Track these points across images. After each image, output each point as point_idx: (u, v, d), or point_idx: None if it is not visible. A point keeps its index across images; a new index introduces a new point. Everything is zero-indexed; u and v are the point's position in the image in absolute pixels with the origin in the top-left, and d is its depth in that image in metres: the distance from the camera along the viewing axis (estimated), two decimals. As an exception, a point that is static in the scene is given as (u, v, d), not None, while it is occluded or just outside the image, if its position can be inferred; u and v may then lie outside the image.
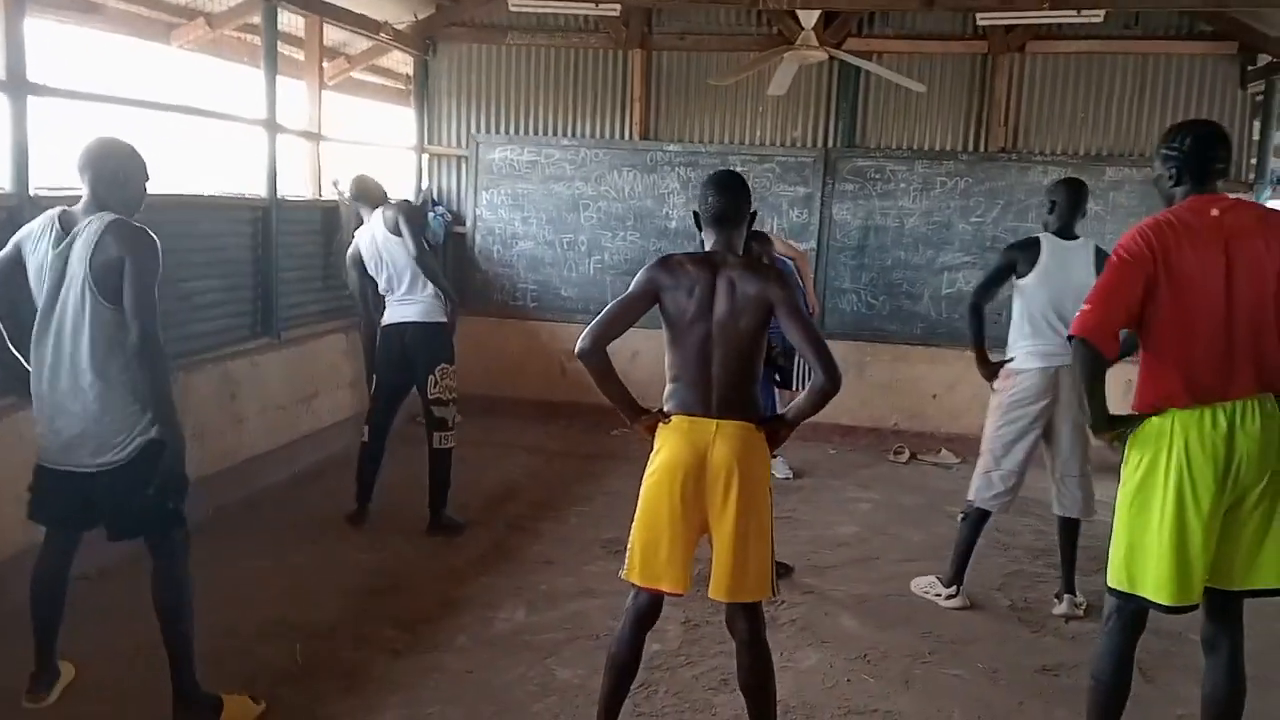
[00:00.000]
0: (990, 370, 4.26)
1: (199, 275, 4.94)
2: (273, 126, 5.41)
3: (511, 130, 7.39)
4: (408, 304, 4.69)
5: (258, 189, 5.43)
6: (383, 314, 4.83)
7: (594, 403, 7.18)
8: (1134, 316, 2.60)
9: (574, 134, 7.30)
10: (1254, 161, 6.67)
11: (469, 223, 7.40)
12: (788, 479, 5.99)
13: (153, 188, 3.11)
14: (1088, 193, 4.22)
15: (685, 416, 2.70)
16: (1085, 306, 2.62)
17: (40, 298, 2.84)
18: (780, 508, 3.19)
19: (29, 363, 2.91)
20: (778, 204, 6.99)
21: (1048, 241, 4.07)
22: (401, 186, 7.37)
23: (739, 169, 6.85)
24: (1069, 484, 4.14)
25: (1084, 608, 4.18)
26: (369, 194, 4.92)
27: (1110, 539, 2.76)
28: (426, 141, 7.48)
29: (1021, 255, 4.09)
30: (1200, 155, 2.64)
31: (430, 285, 4.69)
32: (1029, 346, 4.10)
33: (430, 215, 7.29)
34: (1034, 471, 4.26)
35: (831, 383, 2.65)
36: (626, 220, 7.22)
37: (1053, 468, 4.18)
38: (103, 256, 2.74)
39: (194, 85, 5.89)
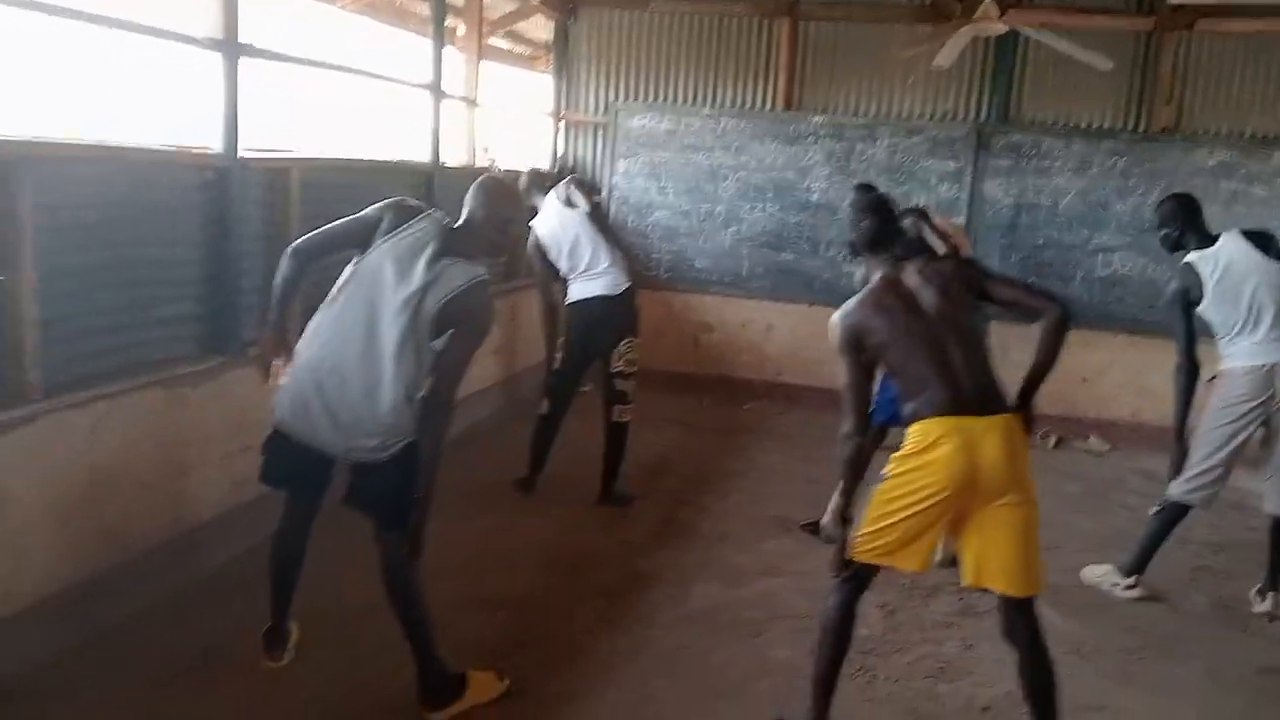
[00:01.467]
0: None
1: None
2: (438, 92, 5.38)
3: (652, 98, 7.29)
4: (593, 279, 4.65)
5: (413, 155, 5.42)
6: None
7: (725, 375, 7.25)
8: None
9: (716, 103, 7.18)
10: None
11: (605, 191, 7.33)
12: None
13: (329, 151, 3.07)
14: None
15: (947, 418, 2.60)
16: None
17: (368, 278, 2.77)
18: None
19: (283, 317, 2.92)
20: (926, 179, 6.82)
21: (1204, 258, 3.97)
22: (537, 154, 7.33)
23: (887, 141, 6.75)
24: None
25: (1287, 607, 4.04)
26: (541, 182, 4.94)
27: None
28: (564, 108, 7.41)
29: (1192, 285, 3.98)
30: None
31: (609, 257, 4.65)
32: (1241, 346, 3.95)
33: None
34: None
35: (1063, 309, 2.67)
36: (766, 192, 7.10)
37: (1270, 466, 4.02)
38: (454, 308, 2.74)
39: (348, 46, 5.88)
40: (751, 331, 7.26)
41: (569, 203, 4.63)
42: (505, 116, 6.72)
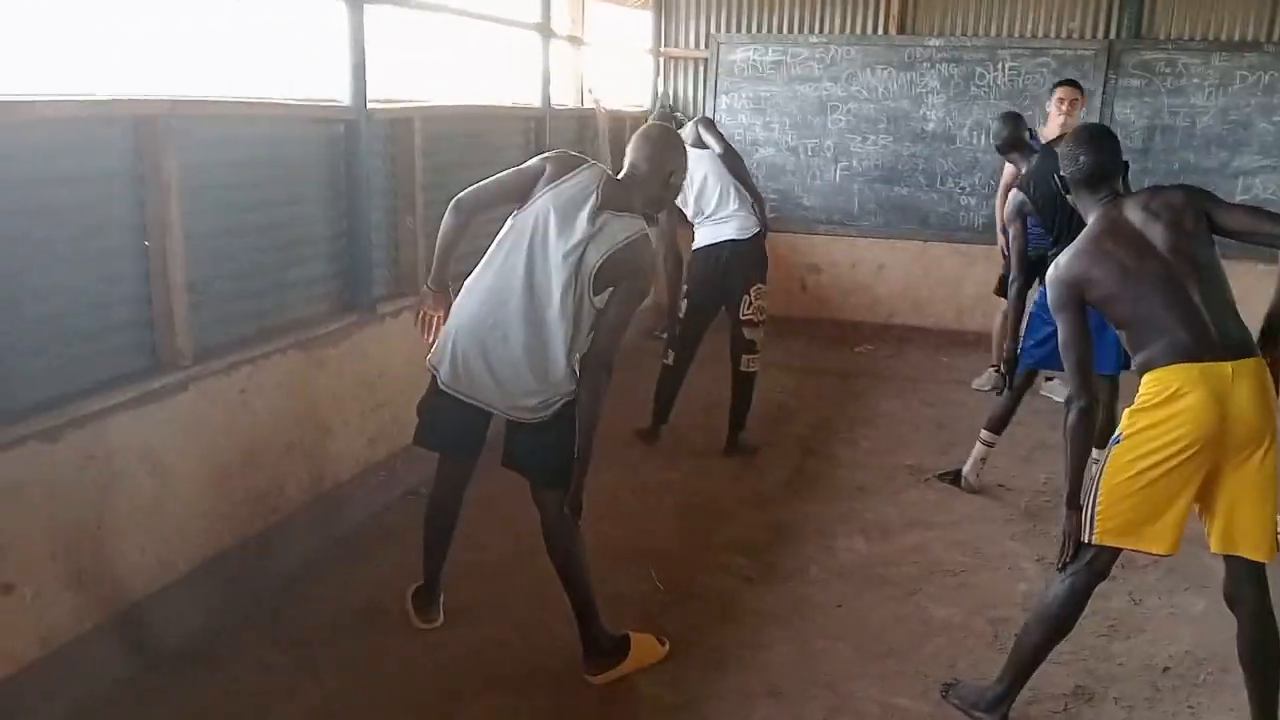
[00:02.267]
0: None
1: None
2: (546, 31, 5.20)
3: (754, 29, 6.99)
4: (721, 223, 4.47)
5: (522, 98, 5.27)
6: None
7: (834, 318, 7.03)
8: None
9: (823, 30, 6.86)
10: None
11: (707, 128, 7.09)
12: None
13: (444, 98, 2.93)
14: None
15: (1192, 364, 2.36)
16: None
17: (528, 231, 2.67)
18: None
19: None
20: (1050, 104, 6.44)
21: None
22: (636, 91, 7.12)
23: (1009, 64, 6.37)
24: None
25: None
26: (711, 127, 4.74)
27: None
28: (663, 44, 7.16)
29: None
30: None
31: (737, 200, 4.46)
32: None
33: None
34: None
35: None
36: (879, 123, 6.79)
37: None
38: (616, 264, 2.62)
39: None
40: (862, 272, 7.01)
41: (699, 143, 4.43)
42: (606, 55, 6.50)
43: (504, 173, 2.82)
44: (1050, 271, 2.54)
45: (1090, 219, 2.56)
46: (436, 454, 3.01)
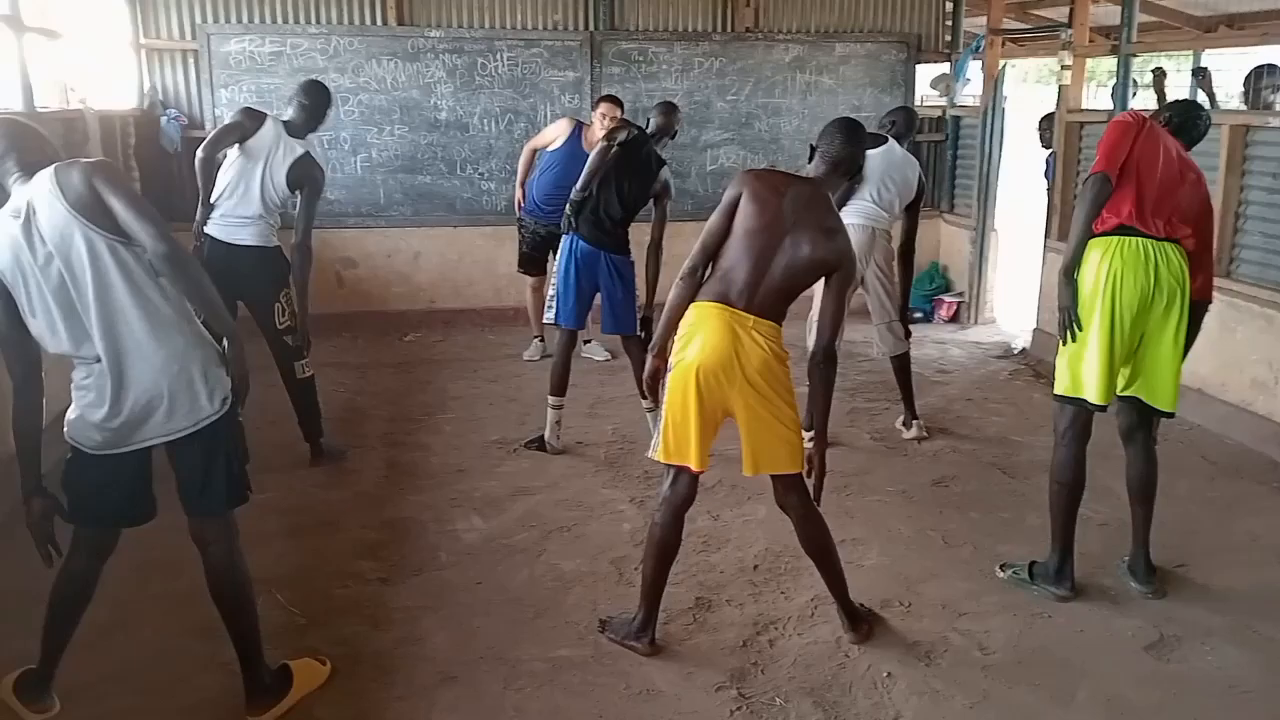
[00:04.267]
0: None
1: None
2: (18, 24, 4.50)
3: (246, 19, 6.62)
4: (239, 227, 4.30)
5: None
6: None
7: (377, 310, 7.00)
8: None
9: (321, 20, 6.71)
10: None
11: (209, 125, 6.60)
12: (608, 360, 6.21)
13: None
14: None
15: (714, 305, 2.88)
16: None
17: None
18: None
19: None
20: (549, 90, 6.98)
21: None
22: (121, 88, 6.40)
23: (507, 54, 6.80)
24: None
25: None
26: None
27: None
28: (143, 35, 6.50)
29: None
30: None
31: (260, 206, 4.30)
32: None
33: (163, 120, 6.44)
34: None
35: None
36: (393, 114, 6.84)
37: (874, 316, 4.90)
38: (72, 198, 2.38)
39: None
40: (398, 261, 7.05)
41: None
42: (84, 49, 5.74)
43: None
44: (738, 175, 2.96)
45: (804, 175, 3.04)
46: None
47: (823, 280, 2.94)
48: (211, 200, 4.25)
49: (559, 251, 4.71)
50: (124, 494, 2.56)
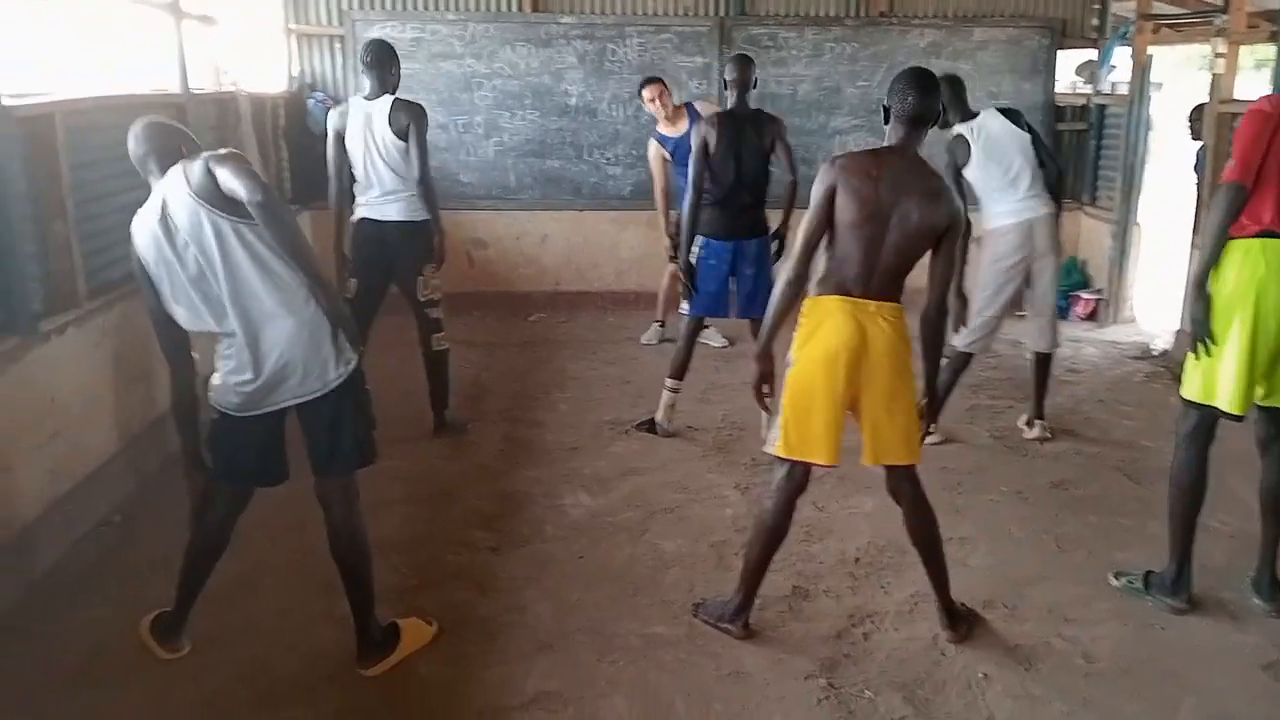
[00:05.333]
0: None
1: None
2: (178, 11, 4.83)
3: (390, 5, 6.91)
4: (387, 203, 4.48)
5: (159, 84, 4.87)
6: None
7: (504, 290, 7.20)
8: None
9: (459, 7, 6.94)
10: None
11: (352, 109, 6.92)
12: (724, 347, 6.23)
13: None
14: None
15: (841, 298, 2.86)
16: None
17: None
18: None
19: None
20: (677, 75, 7.01)
21: (970, 129, 4.50)
22: (271, 72, 6.77)
23: (637, 40, 6.85)
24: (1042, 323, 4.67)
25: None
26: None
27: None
28: (294, 20, 6.86)
29: (960, 152, 4.49)
30: None
31: (404, 181, 4.49)
32: (1005, 207, 4.51)
33: (310, 102, 6.78)
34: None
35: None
36: (525, 99, 7.02)
37: (1031, 309, 4.69)
38: (209, 179, 2.56)
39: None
40: (526, 243, 7.24)
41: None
42: (237, 34, 6.11)
43: None
44: (829, 161, 2.84)
45: (886, 145, 2.85)
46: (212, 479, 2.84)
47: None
48: (354, 192, 4.49)
49: (695, 252, 4.57)
50: (259, 453, 2.77)
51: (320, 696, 2.76)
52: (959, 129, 4.51)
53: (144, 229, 2.58)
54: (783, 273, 2.89)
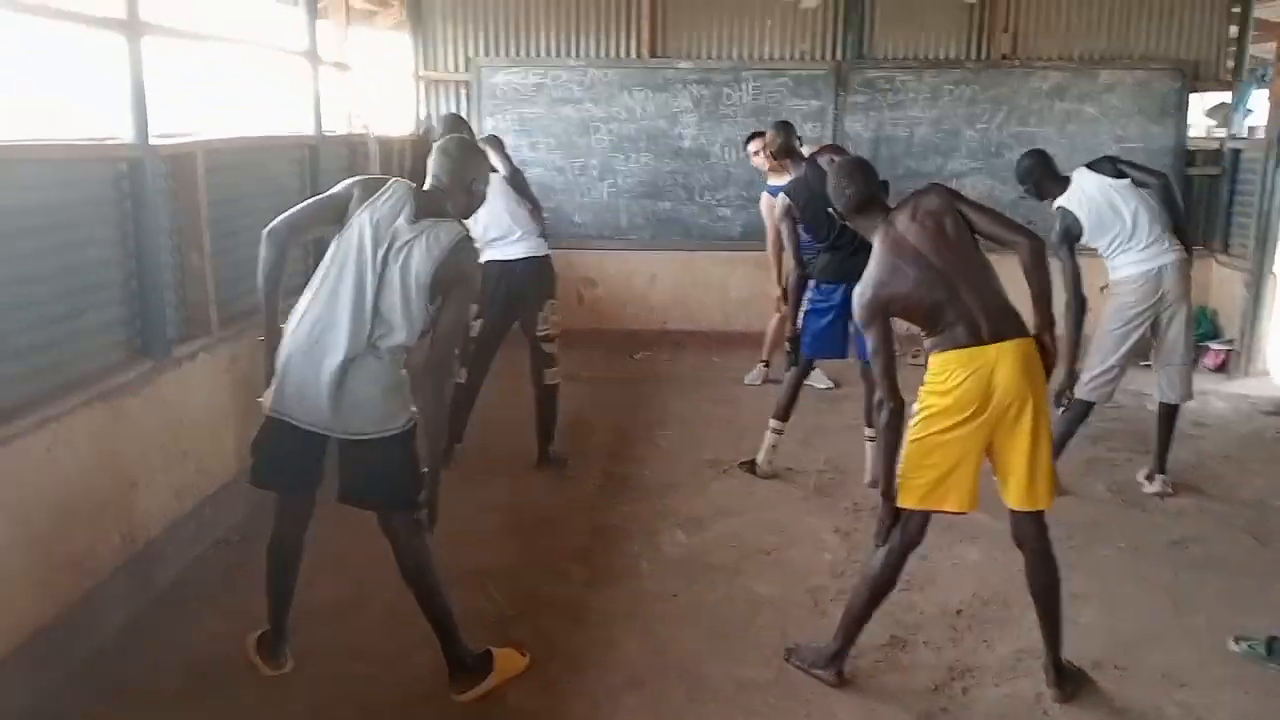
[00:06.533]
0: None
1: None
2: (314, 58, 5.12)
3: (514, 52, 7.17)
4: (513, 243, 4.66)
5: (292, 127, 5.15)
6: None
7: (611, 328, 7.31)
8: None
9: (580, 54, 7.15)
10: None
11: (473, 151, 7.18)
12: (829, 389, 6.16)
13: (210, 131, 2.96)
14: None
15: (962, 350, 2.77)
16: None
17: (353, 249, 2.70)
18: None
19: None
20: (792, 118, 7.00)
21: (1069, 200, 4.39)
22: (400, 116, 7.09)
23: (752, 84, 6.92)
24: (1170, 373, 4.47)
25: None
26: (499, 145, 4.97)
27: None
28: (423, 67, 7.18)
29: (1071, 224, 4.36)
30: None
31: (526, 220, 4.71)
32: (1128, 258, 4.36)
33: (436, 145, 7.04)
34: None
35: (1037, 240, 2.81)
36: (639, 142, 7.16)
37: (1158, 359, 4.49)
38: (447, 269, 2.69)
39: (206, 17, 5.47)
40: (635, 282, 7.35)
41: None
42: (369, 80, 6.44)
43: (313, 199, 2.90)
44: (857, 294, 2.84)
45: (874, 240, 2.89)
46: (273, 494, 2.96)
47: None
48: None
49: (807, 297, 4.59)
50: (298, 467, 2.83)
51: (418, 715, 2.83)
52: (1059, 203, 4.41)
53: (372, 216, 2.70)
54: (882, 410, 2.82)
